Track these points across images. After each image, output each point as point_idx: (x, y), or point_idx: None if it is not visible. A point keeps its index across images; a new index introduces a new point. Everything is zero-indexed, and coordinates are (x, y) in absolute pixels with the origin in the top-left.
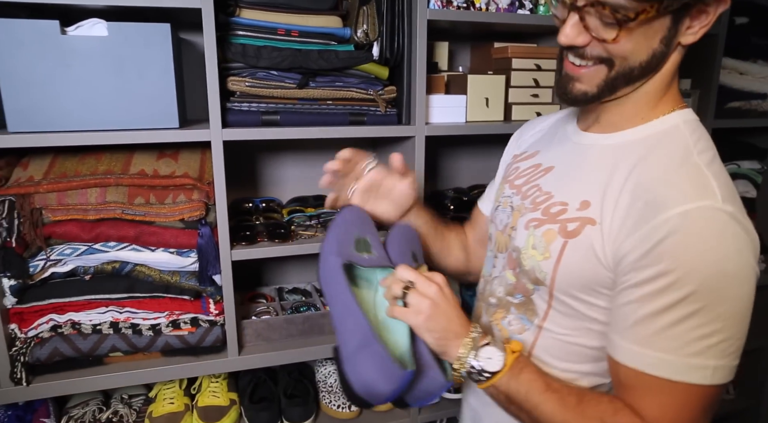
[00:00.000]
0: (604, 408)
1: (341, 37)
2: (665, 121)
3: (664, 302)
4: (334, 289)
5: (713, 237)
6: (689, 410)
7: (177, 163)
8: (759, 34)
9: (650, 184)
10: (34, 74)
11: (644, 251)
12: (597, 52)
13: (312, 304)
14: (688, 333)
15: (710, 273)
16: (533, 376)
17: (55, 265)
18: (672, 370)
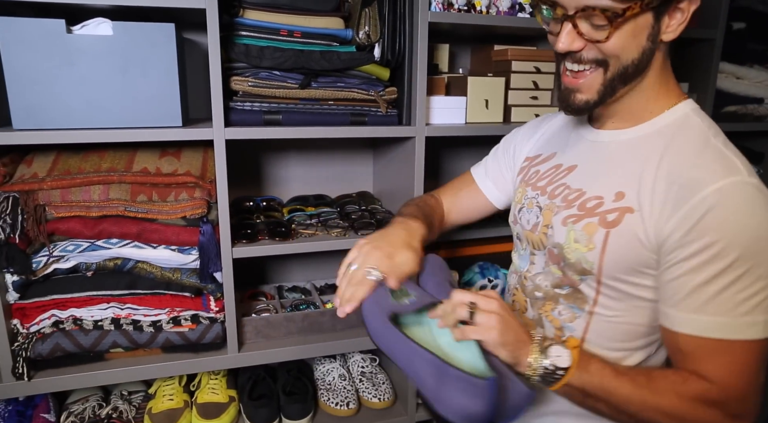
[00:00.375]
0: (673, 379)
1: (343, 38)
2: (675, 112)
3: (713, 271)
4: (390, 341)
5: (747, 207)
6: (749, 364)
7: (179, 161)
8: (755, 40)
9: (681, 169)
10: (40, 72)
11: (688, 228)
12: (592, 54)
13: (311, 302)
14: (737, 295)
15: (749, 239)
16: (600, 365)
17: (57, 261)
18: (729, 331)
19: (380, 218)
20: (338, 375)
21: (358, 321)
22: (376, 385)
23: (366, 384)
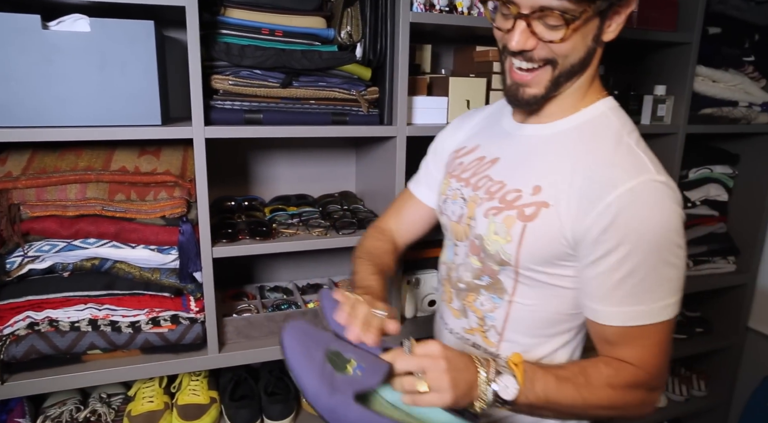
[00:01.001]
0: (606, 373)
1: (325, 37)
2: (594, 109)
3: (630, 266)
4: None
5: (656, 205)
6: (663, 343)
7: (159, 160)
8: (730, 44)
9: (596, 167)
10: (14, 69)
11: (604, 227)
12: (543, 54)
13: (293, 302)
14: (652, 284)
15: (659, 233)
16: (544, 379)
17: (32, 261)
18: (648, 317)
19: (362, 218)
20: None
21: None
22: None
23: None
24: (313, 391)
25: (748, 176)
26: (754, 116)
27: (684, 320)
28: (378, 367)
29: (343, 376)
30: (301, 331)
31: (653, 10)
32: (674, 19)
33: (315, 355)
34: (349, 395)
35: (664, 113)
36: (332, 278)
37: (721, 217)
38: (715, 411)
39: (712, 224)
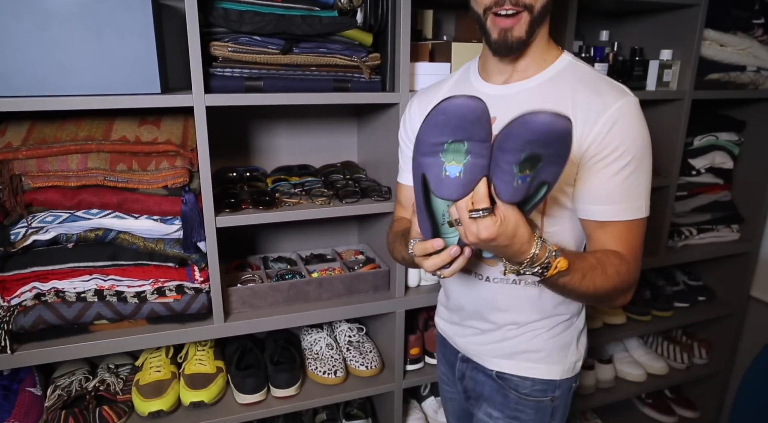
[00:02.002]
0: (612, 262)
1: (324, 2)
2: (562, 61)
3: (617, 168)
4: (415, 188)
5: (637, 119)
6: (639, 237)
7: (159, 129)
8: (739, 6)
9: (590, 98)
10: (8, 36)
11: (602, 138)
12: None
13: (297, 272)
14: (633, 185)
15: (639, 143)
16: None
17: (36, 232)
18: (628, 213)
19: (365, 187)
20: (325, 344)
21: (344, 290)
22: (363, 354)
23: (353, 352)
24: (420, 139)
25: (754, 143)
26: (762, 81)
27: (686, 289)
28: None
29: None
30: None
31: None
32: None
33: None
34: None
35: (670, 79)
36: (335, 248)
37: (725, 185)
38: (715, 378)
39: (716, 192)
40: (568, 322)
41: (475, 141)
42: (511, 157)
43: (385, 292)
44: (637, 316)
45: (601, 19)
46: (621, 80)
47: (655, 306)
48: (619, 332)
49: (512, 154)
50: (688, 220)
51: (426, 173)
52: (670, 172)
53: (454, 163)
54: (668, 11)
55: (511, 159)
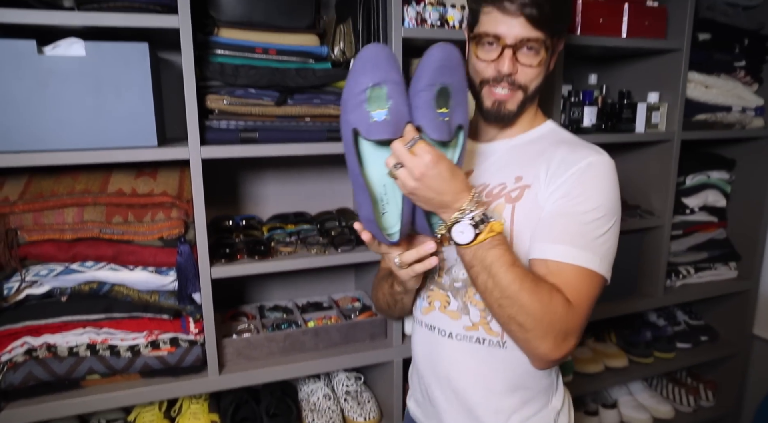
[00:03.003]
0: (549, 287)
1: (318, 54)
2: (546, 126)
3: (578, 210)
4: (349, 160)
5: (608, 177)
6: (589, 290)
7: (155, 181)
8: (721, 50)
9: (566, 153)
10: (10, 94)
11: (570, 184)
12: (521, 79)
13: (293, 320)
14: (590, 234)
15: (605, 199)
16: (502, 253)
17: (30, 286)
18: (579, 259)
19: None
20: (323, 395)
21: (340, 339)
22: (361, 404)
23: (351, 403)
24: (343, 98)
25: (746, 181)
26: (748, 121)
27: (688, 329)
28: (387, 130)
29: (364, 110)
30: (375, 54)
31: (643, 18)
32: (663, 27)
33: (365, 79)
34: (351, 123)
35: (659, 120)
36: (332, 296)
37: (720, 222)
38: (723, 421)
39: (711, 230)
40: (541, 401)
41: (391, 83)
42: (427, 94)
43: (383, 340)
44: (640, 358)
45: (589, 63)
46: (611, 123)
47: (657, 347)
48: (621, 376)
49: (427, 91)
50: (685, 258)
51: (355, 126)
52: (664, 212)
53: (378, 109)
54: (653, 56)
55: (427, 96)
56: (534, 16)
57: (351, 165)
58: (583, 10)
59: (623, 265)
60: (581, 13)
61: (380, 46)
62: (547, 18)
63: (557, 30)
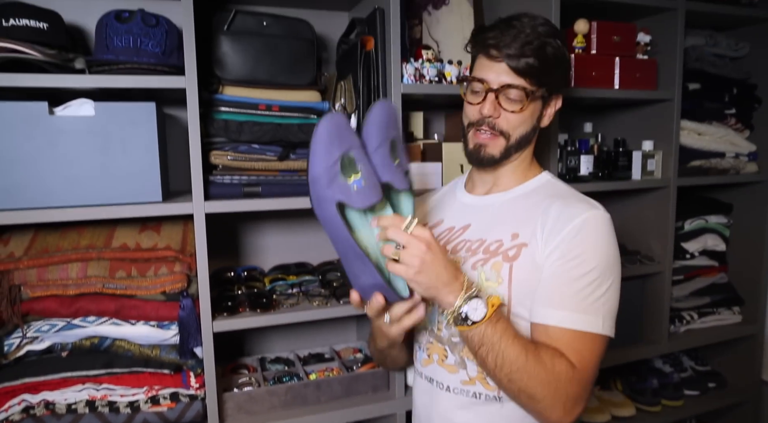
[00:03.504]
0: (551, 353)
1: (320, 110)
2: (541, 178)
3: (575, 274)
4: (337, 234)
5: (603, 233)
6: (592, 353)
7: (159, 235)
8: (711, 99)
9: (559, 209)
10: (21, 153)
11: (566, 244)
12: (501, 125)
13: (295, 373)
14: (589, 296)
15: (602, 256)
16: (507, 326)
17: (31, 342)
18: (581, 324)
19: None
20: None
21: (342, 392)
22: None
23: None
24: (315, 175)
25: (744, 225)
26: (742, 166)
27: (695, 375)
28: (371, 195)
29: (341, 182)
30: (336, 125)
31: (633, 71)
32: (654, 78)
33: (334, 151)
34: (335, 197)
35: (654, 167)
36: (334, 346)
37: (721, 267)
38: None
39: (712, 275)
40: None
41: (356, 148)
42: (384, 150)
43: (385, 392)
44: (647, 406)
45: (584, 112)
46: (607, 171)
47: (664, 395)
48: None
49: (383, 147)
50: (688, 304)
51: (340, 199)
52: (664, 257)
53: (354, 177)
54: (646, 105)
55: (384, 152)
56: (517, 63)
57: (341, 237)
58: (576, 64)
59: (626, 311)
60: (574, 66)
61: (330, 117)
62: (530, 67)
63: (545, 82)
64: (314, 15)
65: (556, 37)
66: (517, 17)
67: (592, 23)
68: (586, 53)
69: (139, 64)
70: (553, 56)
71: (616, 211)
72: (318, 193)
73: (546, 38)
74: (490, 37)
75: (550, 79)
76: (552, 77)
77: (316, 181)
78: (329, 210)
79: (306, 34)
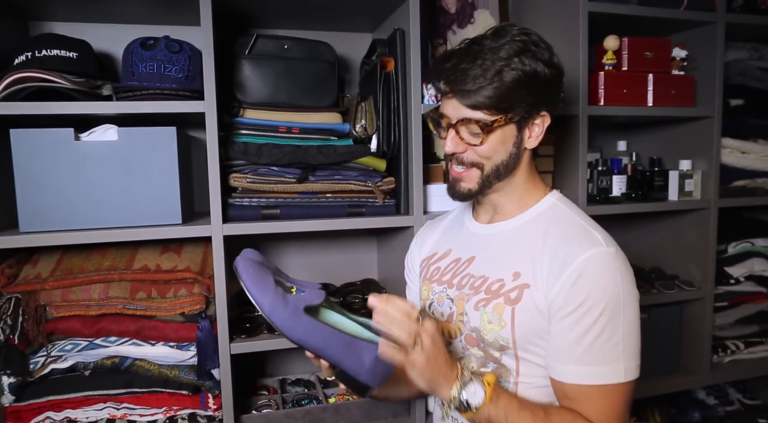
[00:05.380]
0: (566, 417)
1: (341, 131)
2: (544, 203)
3: (585, 325)
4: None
5: (606, 272)
6: (618, 404)
7: (180, 257)
8: (756, 115)
9: (557, 246)
10: (48, 177)
11: (566, 292)
12: (470, 157)
13: (314, 396)
14: (604, 345)
15: (609, 298)
16: (508, 399)
17: (55, 361)
18: (600, 377)
19: None
20: None
21: (362, 416)
22: None
23: None
24: (270, 306)
25: None
26: None
27: (742, 409)
28: (318, 292)
29: (292, 296)
30: (252, 260)
31: (669, 88)
32: (691, 95)
33: (267, 279)
34: (299, 308)
35: (693, 188)
36: None
37: None
38: None
39: (761, 302)
40: None
41: (276, 273)
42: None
43: (405, 418)
44: None
45: (617, 130)
46: (641, 192)
47: None
48: None
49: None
50: (733, 332)
51: (303, 305)
52: (704, 282)
53: (292, 290)
54: (684, 123)
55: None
56: (465, 97)
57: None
58: (606, 82)
59: (664, 339)
60: (604, 84)
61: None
62: (482, 99)
63: (510, 108)
64: (338, 37)
65: (526, 53)
66: (479, 40)
67: (623, 39)
68: (616, 70)
69: (162, 89)
70: (517, 79)
71: (652, 233)
72: (282, 317)
73: (508, 61)
74: (445, 69)
75: (517, 102)
76: (521, 100)
77: (274, 309)
78: (302, 322)
79: (327, 56)
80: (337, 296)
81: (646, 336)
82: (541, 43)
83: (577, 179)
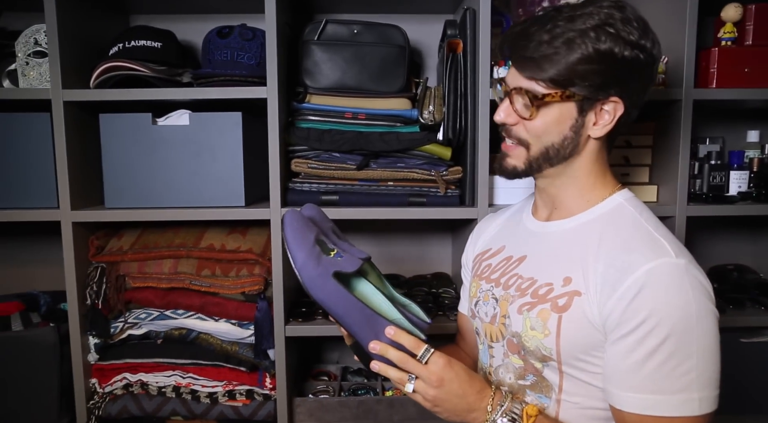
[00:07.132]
0: None
1: (408, 118)
2: (610, 202)
3: (648, 348)
4: (346, 307)
5: (674, 286)
6: None
7: (244, 238)
8: None
9: (616, 253)
10: (128, 159)
11: (624, 307)
12: (518, 132)
13: (372, 387)
14: (672, 372)
15: (678, 317)
16: None
17: (132, 327)
18: (667, 408)
19: (447, 304)
20: None
21: (416, 414)
22: None
23: None
24: (302, 261)
25: None
26: None
27: None
28: (355, 260)
29: (327, 257)
30: (298, 218)
31: None
32: None
33: (308, 235)
34: (329, 270)
35: None
36: None
37: None
38: None
39: None
40: None
41: (321, 234)
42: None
43: None
44: None
45: (746, 118)
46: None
47: None
48: None
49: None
50: None
51: (333, 270)
52: None
53: (332, 252)
54: None
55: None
56: (522, 64)
57: (351, 306)
58: (720, 60)
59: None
60: (717, 63)
61: (290, 214)
62: (538, 68)
63: (562, 83)
64: (414, 20)
65: (606, 28)
66: (560, 6)
67: (748, 8)
68: (738, 45)
69: (232, 76)
70: (586, 55)
71: None
72: (311, 275)
73: (582, 33)
74: (512, 33)
75: (579, 80)
76: (585, 78)
77: (305, 265)
78: (329, 284)
79: (397, 40)
80: (405, 288)
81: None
82: (633, 21)
83: (675, 174)
